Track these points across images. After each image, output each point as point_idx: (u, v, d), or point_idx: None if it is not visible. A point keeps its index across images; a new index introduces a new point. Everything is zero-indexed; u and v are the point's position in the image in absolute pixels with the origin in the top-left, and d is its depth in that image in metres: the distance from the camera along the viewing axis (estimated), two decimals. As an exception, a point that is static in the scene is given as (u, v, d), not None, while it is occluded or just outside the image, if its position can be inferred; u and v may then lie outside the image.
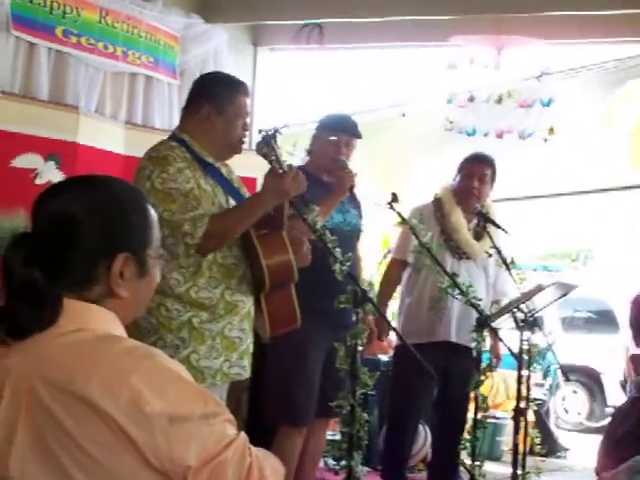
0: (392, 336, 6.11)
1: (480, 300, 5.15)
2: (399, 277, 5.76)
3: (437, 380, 5.14)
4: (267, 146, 3.96)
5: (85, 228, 1.79)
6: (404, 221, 4.88)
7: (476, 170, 5.62)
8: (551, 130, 8.48)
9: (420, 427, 6.70)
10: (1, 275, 1.77)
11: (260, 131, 4.06)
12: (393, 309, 6.11)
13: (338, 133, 5.06)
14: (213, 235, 3.80)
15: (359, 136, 5.13)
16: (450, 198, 5.65)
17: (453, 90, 8.76)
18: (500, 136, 8.65)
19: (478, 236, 5.64)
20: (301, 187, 3.92)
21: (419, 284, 5.62)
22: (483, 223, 5.63)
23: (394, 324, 5.63)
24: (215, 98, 3.99)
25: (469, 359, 5.39)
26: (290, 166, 3.98)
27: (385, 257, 6.91)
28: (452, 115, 8.77)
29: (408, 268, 5.70)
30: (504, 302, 5.61)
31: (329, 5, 7.15)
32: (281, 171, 3.88)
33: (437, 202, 5.68)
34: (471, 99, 8.72)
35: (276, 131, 3.99)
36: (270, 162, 3.99)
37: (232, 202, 4.02)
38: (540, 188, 9.73)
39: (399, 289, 5.86)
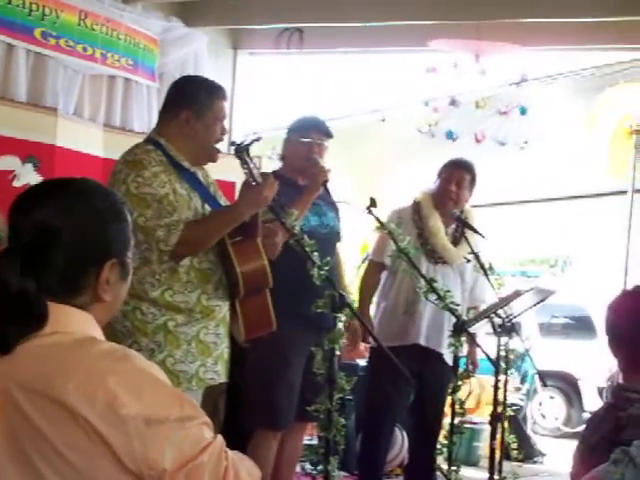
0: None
1: (458, 305, 5.17)
2: (377, 279, 5.76)
3: (412, 385, 5.14)
4: (240, 159, 3.95)
5: (71, 241, 1.80)
6: (382, 226, 4.89)
7: (455, 175, 5.63)
8: (528, 137, 8.52)
9: (397, 432, 6.70)
10: None
11: (233, 143, 4.02)
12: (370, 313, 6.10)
13: (309, 133, 5.06)
14: (187, 242, 3.79)
15: (330, 135, 5.13)
16: (429, 202, 5.66)
17: (432, 95, 8.79)
18: (479, 141, 8.68)
19: (456, 241, 5.65)
20: (274, 192, 3.91)
21: (395, 288, 5.63)
22: (462, 228, 5.64)
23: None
24: (194, 103, 3.97)
25: (441, 364, 5.42)
26: (264, 174, 3.96)
27: (364, 262, 6.91)
28: (431, 120, 8.79)
29: (385, 271, 5.71)
30: (482, 308, 5.62)
31: (309, 9, 7.17)
32: (254, 183, 3.85)
33: (416, 206, 5.69)
34: (450, 104, 8.75)
35: (249, 144, 3.96)
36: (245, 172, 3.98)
37: (208, 208, 4.00)
38: (518, 194, 9.78)
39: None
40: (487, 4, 6.70)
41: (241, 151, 3.93)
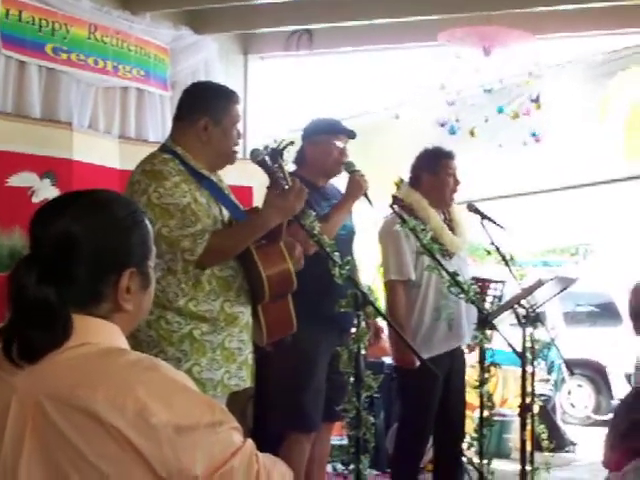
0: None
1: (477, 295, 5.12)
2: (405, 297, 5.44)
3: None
4: (274, 161, 3.89)
5: (90, 249, 1.81)
6: (404, 222, 4.86)
7: (453, 167, 5.58)
8: (543, 126, 8.50)
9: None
10: (8, 295, 1.78)
11: (266, 147, 3.98)
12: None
13: (340, 136, 5.04)
14: (215, 251, 3.79)
15: (354, 137, 5.12)
16: (420, 200, 5.52)
17: (445, 89, 8.77)
18: (495, 133, 8.65)
19: (452, 230, 5.59)
20: (303, 201, 3.88)
21: (419, 300, 5.42)
22: (449, 217, 5.60)
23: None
24: (211, 109, 3.97)
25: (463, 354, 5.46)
26: (293, 180, 3.91)
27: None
28: (445, 115, 8.76)
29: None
30: None
31: (317, 10, 7.17)
32: (286, 186, 3.82)
33: (408, 208, 5.39)
34: (462, 97, 8.73)
35: (284, 147, 3.93)
36: (271, 175, 3.94)
37: (225, 212, 4.01)
38: (535, 184, 9.75)
39: None
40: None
41: (276, 154, 3.89)
